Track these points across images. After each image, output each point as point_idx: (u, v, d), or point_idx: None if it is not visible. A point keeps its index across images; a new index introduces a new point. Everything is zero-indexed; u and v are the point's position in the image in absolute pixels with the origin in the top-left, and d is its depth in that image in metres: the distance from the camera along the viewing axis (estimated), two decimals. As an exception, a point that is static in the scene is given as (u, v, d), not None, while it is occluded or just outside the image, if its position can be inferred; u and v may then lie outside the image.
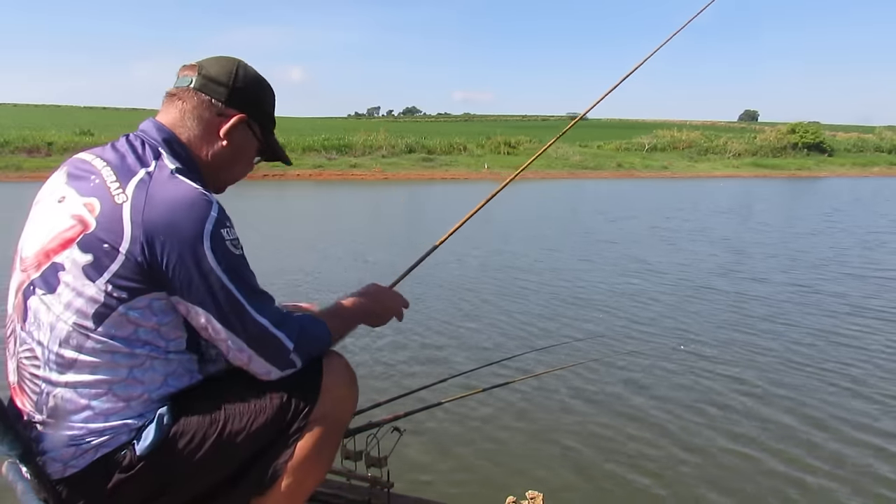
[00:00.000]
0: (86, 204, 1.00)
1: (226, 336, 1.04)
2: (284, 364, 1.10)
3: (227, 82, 1.14)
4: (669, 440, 3.10)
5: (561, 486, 2.68)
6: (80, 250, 0.97)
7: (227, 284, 1.02)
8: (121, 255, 0.97)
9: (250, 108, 1.18)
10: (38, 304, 1.01)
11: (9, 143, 29.83)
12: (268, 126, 1.25)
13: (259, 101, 1.20)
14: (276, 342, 1.07)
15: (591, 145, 42.88)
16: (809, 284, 6.75)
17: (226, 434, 1.08)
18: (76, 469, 1.03)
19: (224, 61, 1.16)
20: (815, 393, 3.69)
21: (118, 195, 0.99)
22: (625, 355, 4.32)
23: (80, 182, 1.04)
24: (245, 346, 1.05)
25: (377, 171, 31.08)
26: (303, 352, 1.12)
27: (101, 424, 1.03)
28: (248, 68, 1.18)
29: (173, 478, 1.08)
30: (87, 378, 1.01)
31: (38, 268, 1.01)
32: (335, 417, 1.18)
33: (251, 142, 1.21)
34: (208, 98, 1.13)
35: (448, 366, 4.06)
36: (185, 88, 1.13)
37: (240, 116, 1.16)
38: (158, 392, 1.06)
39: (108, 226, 0.97)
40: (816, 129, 46.25)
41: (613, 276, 7.25)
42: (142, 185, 1.00)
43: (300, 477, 1.16)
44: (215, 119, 1.14)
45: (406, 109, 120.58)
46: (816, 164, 41.63)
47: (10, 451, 1.01)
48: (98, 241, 0.97)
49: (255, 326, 1.05)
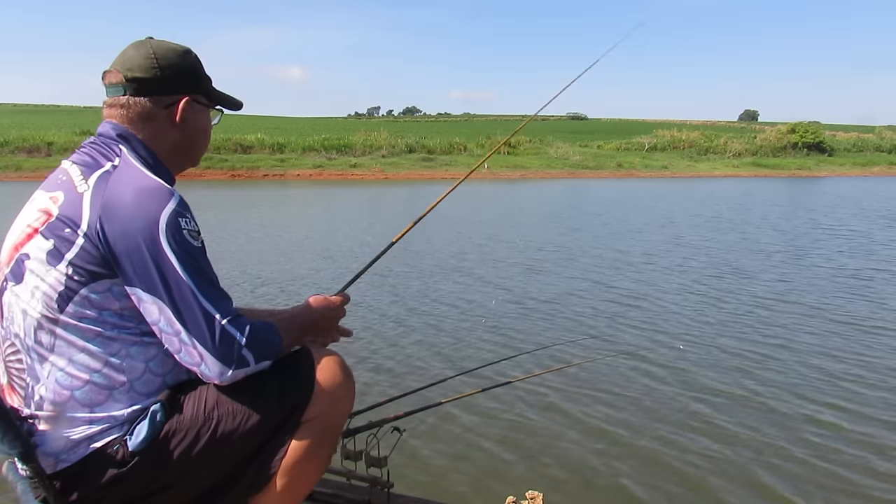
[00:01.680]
0: (51, 197, 1.05)
1: (178, 328, 1.01)
2: (237, 361, 1.04)
3: (156, 75, 1.13)
4: (669, 440, 3.10)
5: (561, 486, 2.68)
6: (44, 238, 1.01)
7: (182, 274, 1.00)
8: (79, 239, 1.00)
9: (188, 85, 1.18)
10: (10, 298, 1.05)
11: (9, 143, 29.83)
12: (207, 88, 1.23)
13: (190, 72, 1.19)
14: (228, 337, 1.03)
15: (591, 145, 42.87)
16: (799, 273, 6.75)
17: (219, 433, 1.08)
18: (68, 463, 1.04)
19: (140, 52, 1.13)
20: (814, 392, 3.69)
21: (80, 185, 1.03)
22: (625, 355, 4.32)
23: (49, 183, 1.09)
24: (196, 343, 1.01)
25: (377, 171, 31.08)
26: (255, 350, 1.06)
27: (87, 415, 1.04)
28: (163, 47, 1.15)
29: (168, 476, 1.08)
30: (66, 367, 1.03)
31: (8, 263, 1.05)
32: (330, 416, 1.17)
33: (203, 112, 1.22)
34: (145, 99, 1.13)
35: (448, 366, 4.06)
36: (121, 98, 1.13)
37: (185, 100, 1.16)
38: (142, 380, 1.07)
39: (68, 212, 1.01)
40: (816, 129, 46.22)
41: (615, 275, 7.25)
42: (104, 176, 1.04)
43: (296, 476, 1.15)
44: (163, 112, 1.15)
45: (406, 109, 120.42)
46: (816, 163, 41.60)
47: (9, 450, 1.01)
48: (59, 226, 1.01)
49: (207, 320, 1.01)
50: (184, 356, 1.03)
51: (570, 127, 60.00)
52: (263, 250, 8.57)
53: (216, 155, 29.18)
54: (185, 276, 1.01)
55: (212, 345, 1.02)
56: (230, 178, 26.55)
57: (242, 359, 1.05)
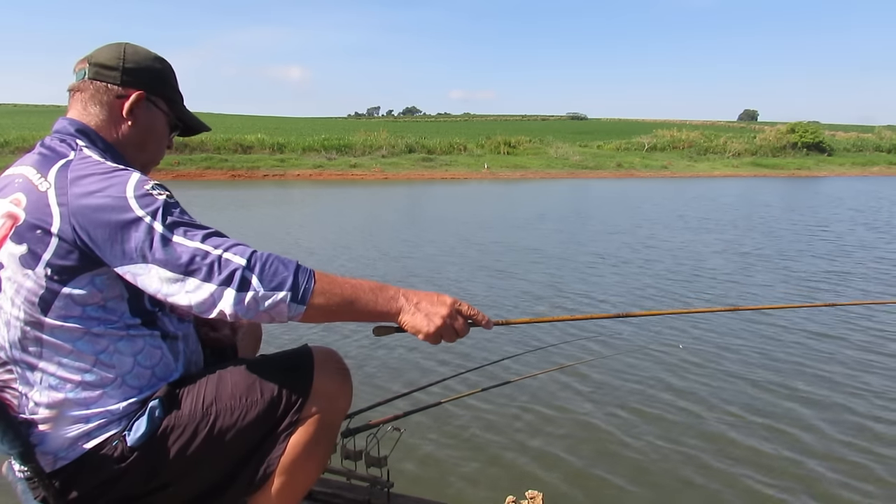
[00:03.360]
0: (12, 200, 1.02)
1: (181, 284, 0.97)
2: (239, 283, 0.97)
3: (117, 65, 1.15)
4: (670, 439, 3.10)
5: (561, 486, 2.68)
6: (14, 243, 0.99)
7: (163, 230, 0.98)
8: (54, 238, 0.98)
9: (147, 84, 1.18)
10: None
11: (8, 144, 29.80)
12: (172, 97, 1.24)
13: (154, 75, 1.20)
14: (225, 264, 0.97)
15: (591, 145, 42.87)
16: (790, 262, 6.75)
17: (217, 429, 1.09)
18: (67, 461, 1.04)
19: (111, 47, 1.18)
20: (812, 391, 3.69)
21: (41, 184, 1.01)
22: (625, 355, 4.32)
23: (3, 190, 1.06)
24: (202, 283, 0.97)
25: (377, 171, 31.06)
26: (261, 272, 0.98)
27: (83, 412, 1.04)
28: (136, 48, 1.20)
29: (166, 473, 1.08)
30: (57, 371, 1.02)
31: None
32: (328, 414, 1.17)
33: (157, 116, 1.21)
34: (104, 84, 1.15)
35: (448, 366, 4.05)
36: (81, 81, 1.16)
37: (138, 94, 1.16)
38: (132, 373, 1.07)
39: (36, 213, 0.99)
40: (816, 129, 46.22)
41: (616, 277, 7.25)
42: (63, 169, 1.02)
43: (294, 475, 1.15)
44: (115, 101, 1.16)
45: (406, 109, 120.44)
46: (816, 163, 41.60)
47: (9, 449, 1.01)
48: (29, 228, 0.98)
49: (200, 256, 0.97)
50: (199, 306, 0.98)
51: (570, 127, 59.99)
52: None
53: (216, 155, 29.18)
54: (166, 230, 0.98)
55: (211, 277, 0.97)
56: (230, 179, 26.53)
57: (245, 281, 0.97)
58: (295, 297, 1.00)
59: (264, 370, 1.14)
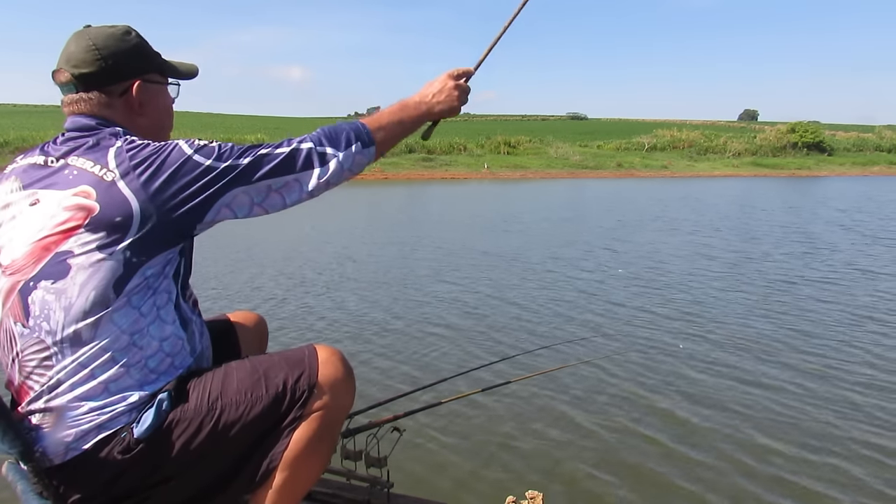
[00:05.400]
0: (77, 193, 1.03)
1: (267, 185, 1.09)
2: (320, 159, 1.13)
3: (100, 66, 1.12)
4: (670, 439, 3.10)
5: (561, 486, 2.68)
6: (90, 232, 1.01)
7: (231, 161, 1.08)
8: (135, 223, 1.02)
9: (135, 68, 1.16)
10: (44, 296, 1.03)
11: (8, 144, 29.84)
12: (157, 63, 1.22)
13: (135, 54, 1.17)
14: (298, 154, 1.12)
15: (591, 145, 42.90)
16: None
17: (221, 424, 1.09)
18: (77, 452, 1.04)
19: (80, 48, 1.12)
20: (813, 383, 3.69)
21: (105, 174, 1.03)
22: (625, 354, 4.32)
23: (50, 180, 1.06)
24: (289, 179, 1.11)
25: (377, 171, 31.07)
26: (329, 140, 1.15)
27: (101, 400, 1.04)
28: (102, 35, 1.14)
29: (170, 466, 1.09)
30: (96, 347, 1.04)
31: (35, 264, 1.03)
32: (332, 409, 1.17)
33: (160, 91, 1.22)
34: (97, 92, 1.13)
35: (447, 366, 4.06)
36: (74, 94, 1.13)
37: (137, 84, 1.16)
38: (154, 359, 1.08)
39: (111, 203, 1.02)
40: (816, 129, 46.27)
41: (617, 276, 7.25)
42: (119, 156, 1.04)
43: (297, 471, 1.16)
44: (119, 101, 1.15)
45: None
46: (816, 163, 41.64)
47: (9, 449, 1.01)
48: (106, 218, 1.01)
49: (274, 157, 1.10)
50: (292, 200, 1.13)
51: (570, 127, 59.99)
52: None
53: (216, 155, 29.19)
54: (233, 160, 1.08)
55: (292, 167, 1.11)
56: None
57: (322, 155, 1.13)
58: (363, 143, 1.18)
59: (269, 367, 1.16)
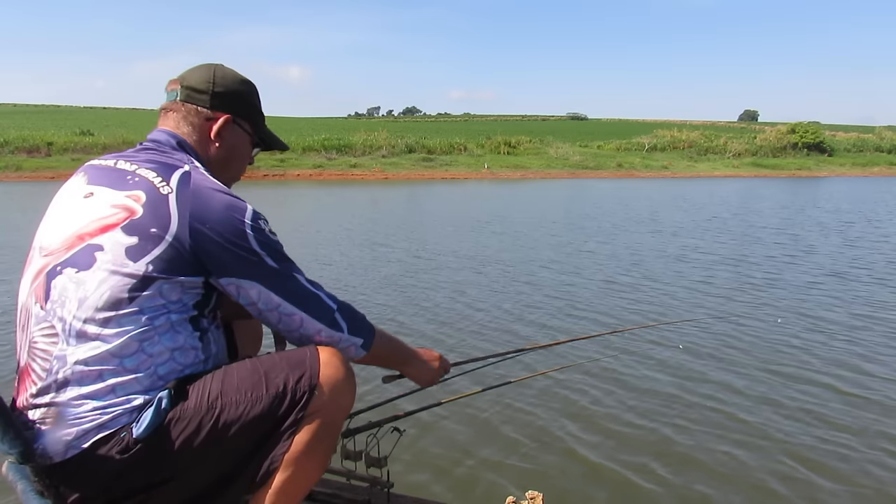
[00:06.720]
0: (129, 196, 1.08)
1: (278, 302, 1.15)
2: (331, 322, 1.19)
3: (208, 89, 1.24)
4: (671, 439, 3.10)
5: (561, 486, 2.68)
6: (125, 233, 1.05)
7: (273, 263, 1.14)
8: (166, 240, 1.06)
9: (234, 108, 1.28)
10: (66, 282, 1.06)
11: (9, 143, 29.85)
12: (256, 119, 1.34)
13: (241, 99, 1.29)
14: (321, 303, 1.19)
15: (591, 145, 42.91)
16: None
17: (221, 423, 1.09)
18: (77, 451, 1.04)
19: (202, 70, 1.27)
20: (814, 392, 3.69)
21: (163, 187, 1.09)
22: (626, 353, 4.32)
23: (111, 180, 1.12)
24: (296, 309, 1.16)
25: (377, 171, 31.10)
26: (346, 316, 1.22)
27: (106, 401, 1.05)
28: (225, 71, 1.28)
29: (169, 466, 1.09)
30: (103, 349, 1.05)
31: (67, 250, 1.07)
32: (332, 412, 1.18)
33: (242, 137, 1.31)
34: (194, 107, 1.24)
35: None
36: (173, 102, 1.25)
37: (226, 117, 1.26)
38: (165, 367, 1.09)
39: (154, 213, 1.06)
40: (816, 129, 46.26)
41: (619, 276, 7.25)
42: (184, 179, 1.11)
43: (298, 471, 1.16)
44: (205, 124, 1.25)
45: (406, 109, 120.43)
46: (816, 164, 41.64)
47: (9, 449, 1.01)
48: (144, 225, 1.06)
49: (302, 290, 1.17)
50: (285, 325, 1.17)
51: (570, 127, 60.00)
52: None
53: (216, 155, 29.16)
54: (277, 263, 1.15)
55: (310, 309, 1.17)
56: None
57: (336, 321, 1.20)
58: (365, 345, 1.26)
59: (270, 367, 1.16)
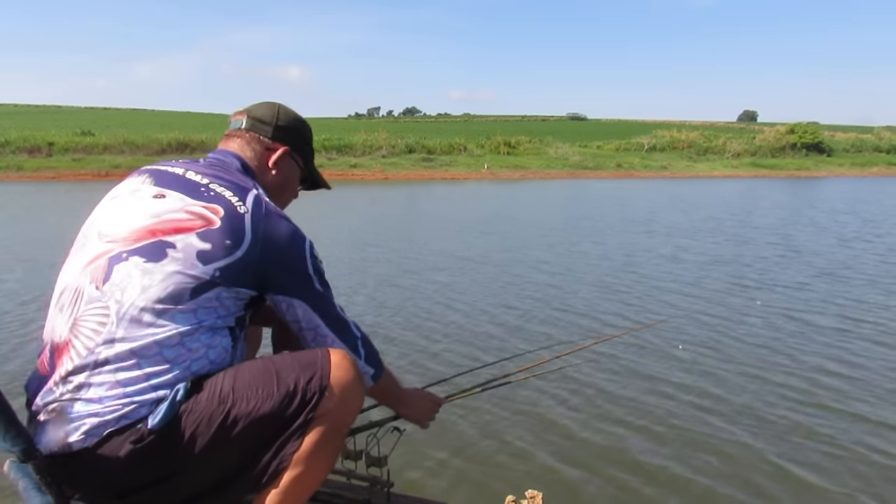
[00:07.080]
0: (207, 207, 1.17)
1: (318, 323, 1.26)
2: (353, 348, 1.29)
3: (272, 121, 1.38)
4: (672, 439, 3.10)
5: (561, 485, 2.69)
6: (199, 239, 1.13)
7: (321, 287, 1.26)
8: (237, 254, 1.14)
9: (292, 142, 1.40)
10: (131, 269, 1.11)
11: (10, 143, 29.86)
12: (308, 155, 1.47)
13: (298, 134, 1.43)
14: (350, 330, 1.30)
15: (591, 145, 42.93)
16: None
17: (231, 418, 1.10)
18: (97, 438, 1.06)
19: (268, 105, 1.41)
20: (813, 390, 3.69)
21: (239, 206, 1.18)
22: (626, 353, 4.32)
23: (185, 188, 1.20)
24: (330, 331, 1.27)
25: (377, 171, 31.10)
26: (366, 347, 1.32)
27: (135, 386, 1.07)
28: (287, 109, 1.42)
29: (178, 460, 1.10)
30: (151, 338, 1.08)
31: (136, 241, 1.13)
32: (342, 412, 1.19)
33: (295, 170, 1.44)
34: (257, 135, 1.37)
35: (447, 366, 4.06)
36: (238, 130, 1.37)
37: (284, 149, 1.38)
38: (198, 364, 1.13)
39: (231, 227, 1.15)
40: (815, 130, 46.25)
41: (618, 276, 7.26)
42: (257, 202, 1.21)
43: (305, 472, 1.16)
44: (265, 153, 1.37)
45: (406, 109, 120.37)
46: (815, 164, 41.63)
47: (11, 447, 1.02)
48: (220, 237, 1.14)
49: (338, 316, 1.29)
50: (317, 341, 1.27)
51: (569, 127, 60.04)
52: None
53: (216, 155, 29.13)
54: (323, 289, 1.27)
55: (341, 334, 1.28)
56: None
57: (356, 347, 1.29)
58: (375, 376, 1.35)
59: (282, 366, 1.17)
